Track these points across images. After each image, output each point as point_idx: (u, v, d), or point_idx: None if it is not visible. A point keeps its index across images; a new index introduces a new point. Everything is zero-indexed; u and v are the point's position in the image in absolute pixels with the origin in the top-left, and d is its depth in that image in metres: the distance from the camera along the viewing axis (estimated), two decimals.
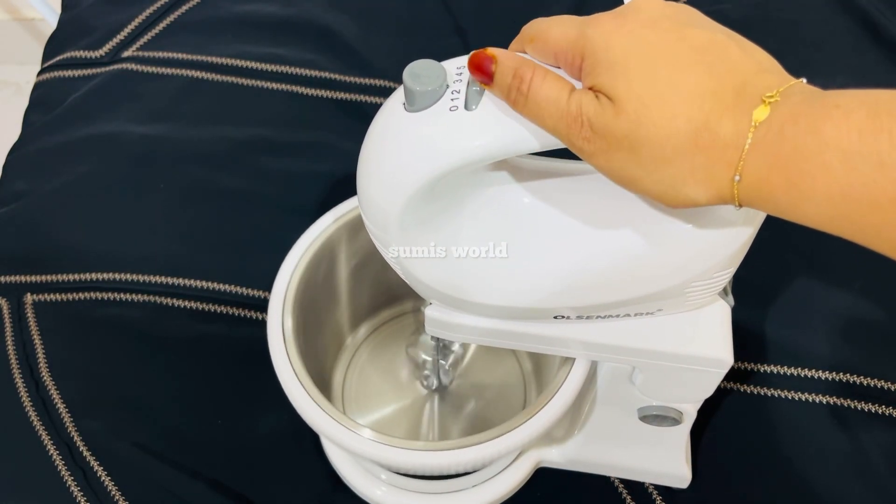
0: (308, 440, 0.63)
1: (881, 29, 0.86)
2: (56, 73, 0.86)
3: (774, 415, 0.65)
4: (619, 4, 0.38)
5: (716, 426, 0.64)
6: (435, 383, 0.64)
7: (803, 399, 0.65)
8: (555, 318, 0.46)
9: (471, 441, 0.48)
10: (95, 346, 0.68)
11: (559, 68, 0.36)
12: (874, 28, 0.87)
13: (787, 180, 0.30)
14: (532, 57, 0.37)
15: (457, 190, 0.42)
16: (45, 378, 0.66)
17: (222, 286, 0.71)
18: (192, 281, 0.71)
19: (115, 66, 0.85)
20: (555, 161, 0.44)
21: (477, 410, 0.65)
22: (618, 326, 0.46)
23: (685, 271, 0.42)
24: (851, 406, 0.65)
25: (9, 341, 0.68)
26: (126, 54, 0.86)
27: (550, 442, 0.61)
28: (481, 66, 0.36)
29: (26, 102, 0.85)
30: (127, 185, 0.77)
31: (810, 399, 0.65)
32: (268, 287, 0.64)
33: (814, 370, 0.66)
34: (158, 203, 0.76)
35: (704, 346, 0.46)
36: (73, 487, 0.60)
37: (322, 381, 0.62)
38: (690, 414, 0.53)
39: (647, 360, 0.47)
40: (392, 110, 0.39)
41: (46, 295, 0.70)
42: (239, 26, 0.89)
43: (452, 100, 0.37)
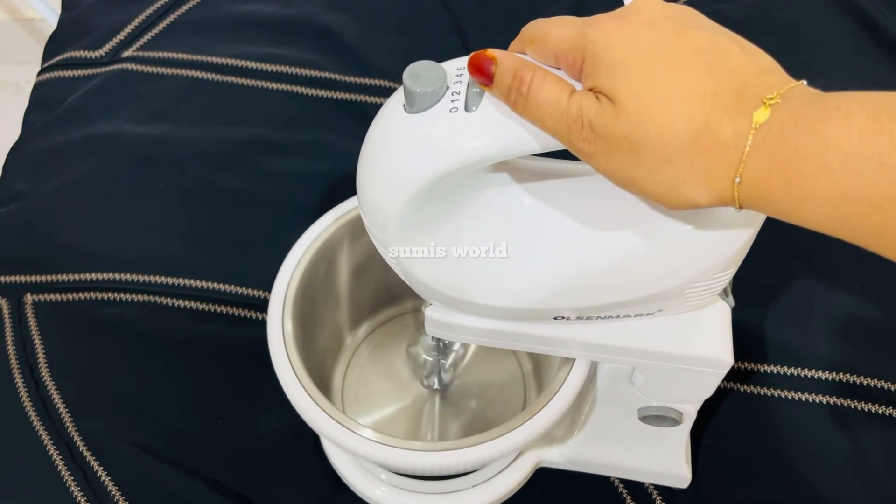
0: (308, 440, 0.63)
1: (881, 29, 0.86)
2: (56, 73, 0.86)
3: (774, 415, 0.65)
4: (619, 4, 0.38)
5: (716, 426, 0.64)
6: (435, 383, 0.64)
7: (803, 399, 0.65)
8: (555, 319, 0.46)
9: (471, 441, 0.48)
10: (95, 346, 0.68)
11: (559, 69, 0.36)
12: (874, 28, 0.87)
13: (788, 182, 0.30)
14: (532, 58, 0.37)
15: (457, 191, 0.42)
16: (45, 378, 0.66)
17: (222, 286, 0.71)
18: (192, 281, 0.71)
19: (115, 66, 0.85)
20: (555, 162, 0.44)
21: (477, 410, 0.65)
22: (618, 327, 0.46)
23: (685, 272, 0.42)
24: (851, 406, 0.65)
25: (9, 341, 0.68)
26: (126, 54, 0.86)
27: (550, 442, 0.61)
28: (481, 68, 0.36)
29: (26, 102, 0.85)
30: (127, 185, 0.77)
31: (810, 399, 0.65)
32: (268, 287, 0.65)
33: (814, 370, 0.66)
34: (158, 203, 0.76)
35: (704, 347, 0.46)
36: (73, 487, 0.60)
37: (322, 381, 0.62)
38: (690, 414, 0.53)
39: (648, 361, 0.47)
40: (392, 111, 0.39)
41: (46, 295, 0.70)
42: (239, 26, 0.89)
43: (452, 101, 0.37)
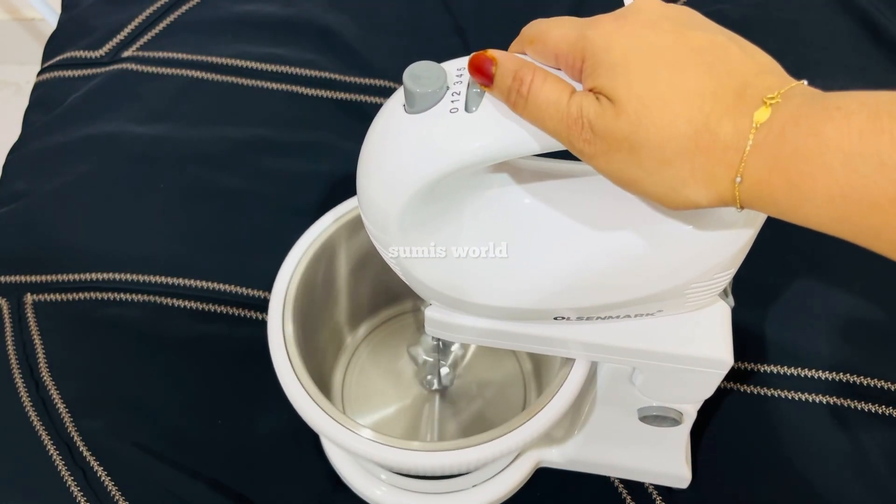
0: (308, 440, 0.63)
1: (881, 29, 0.86)
2: (56, 73, 0.86)
3: (774, 415, 0.65)
4: (619, 4, 0.38)
5: (716, 426, 0.64)
6: (435, 383, 0.64)
7: (803, 399, 0.65)
8: (555, 319, 0.46)
9: (471, 442, 0.48)
10: (95, 346, 0.68)
11: (559, 70, 0.36)
12: (874, 28, 0.87)
13: (788, 181, 0.30)
14: (532, 58, 0.37)
15: (457, 191, 0.42)
16: (45, 378, 0.66)
17: (222, 286, 0.71)
18: (192, 281, 0.71)
19: (115, 66, 0.85)
20: (555, 162, 0.44)
21: (477, 411, 0.65)
22: (618, 327, 0.46)
23: (685, 272, 0.42)
24: (851, 406, 0.65)
25: (9, 341, 0.68)
26: (126, 54, 0.86)
27: (550, 442, 0.61)
28: (481, 68, 0.36)
29: (26, 102, 0.85)
30: (127, 185, 0.77)
31: (810, 399, 0.65)
32: (268, 287, 0.64)
33: (814, 370, 0.66)
34: (158, 203, 0.76)
35: (705, 347, 0.46)
36: (73, 487, 0.60)
37: (322, 381, 0.62)
38: (690, 414, 0.53)
39: (648, 361, 0.47)
40: (392, 112, 0.39)
41: (46, 295, 0.70)
42: (239, 26, 0.89)
43: (453, 101, 0.37)
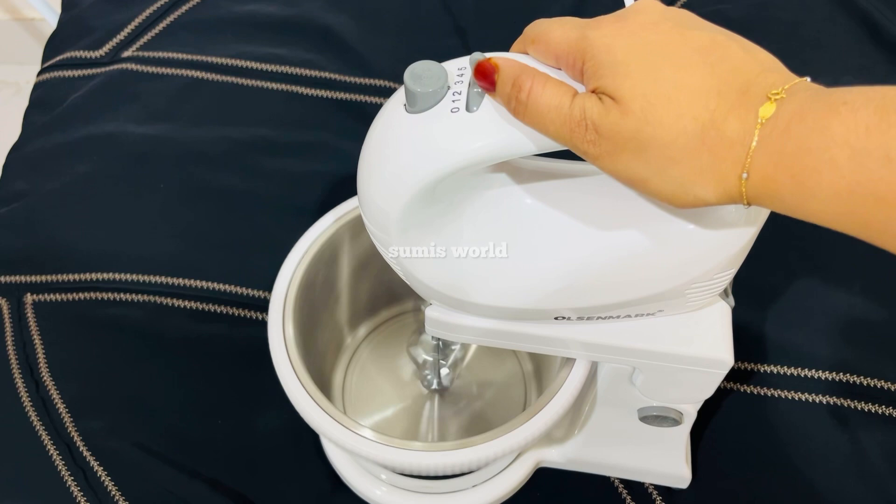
0: (308, 440, 0.63)
1: (881, 29, 0.86)
2: (56, 73, 0.86)
3: (774, 415, 0.65)
4: (619, 3, 0.38)
5: (716, 426, 0.64)
6: (435, 383, 0.64)
7: (803, 399, 0.65)
8: (555, 319, 0.46)
9: (471, 442, 0.48)
10: (95, 346, 0.68)
11: (560, 70, 0.36)
12: (874, 28, 0.87)
13: (794, 177, 0.30)
14: (533, 58, 0.37)
15: (457, 191, 0.42)
16: (45, 378, 0.66)
17: (222, 286, 0.71)
18: (192, 281, 0.71)
19: (115, 66, 0.85)
20: (556, 162, 0.44)
21: (477, 411, 0.65)
22: (618, 327, 0.46)
23: (686, 272, 0.42)
24: (851, 406, 0.65)
25: (9, 341, 0.68)
26: (126, 54, 0.86)
27: (550, 442, 0.61)
28: (485, 74, 0.36)
29: (26, 102, 0.85)
30: (127, 185, 0.77)
31: (810, 399, 0.65)
32: (268, 287, 0.65)
33: (814, 370, 0.66)
34: (158, 203, 0.76)
35: (705, 347, 0.46)
36: (73, 487, 0.60)
37: (322, 381, 0.62)
38: (690, 414, 0.53)
39: (648, 361, 0.47)
40: (393, 111, 0.39)
41: (46, 295, 0.70)
42: (239, 26, 0.89)
43: (454, 101, 0.37)
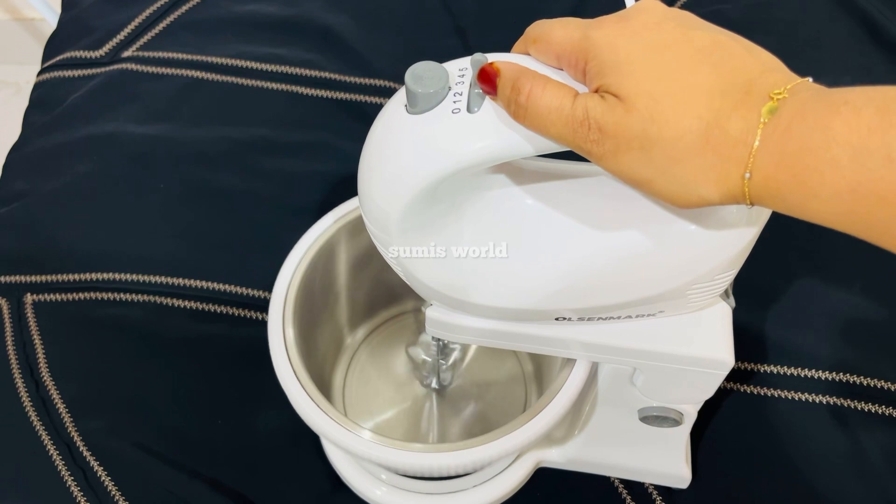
0: (308, 440, 0.63)
1: (881, 29, 0.86)
2: (56, 73, 0.86)
3: (774, 415, 0.65)
4: (620, 3, 0.38)
5: (716, 426, 0.64)
6: (435, 383, 0.64)
7: (803, 399, 0.65)
8: (556, 320, 0.46)
9: (472, 443, 0.48)
10: (95, 346, 0.68)
11: (562, 70, 0.36)
12: (874, 28, 0.87)
13: (796, 176, 0.30)
14: (535, 58, 0.37)
15: (458, 191, 0.42)
16: (45, 378, 0.66)
17: (222, 286, 0.71)
18: (192, 281, 0.71)
19: (115, 66, 0.85)
20: (557, 162, 0.44)
21: (477, 411, 0.65)
22: (619, 328, 0.46)
23: (687, 273, 0.42)
24: (851, 406, 0.65)
25: (9, 341, 0.68)
26: (126, 54, 0.86)
27: (551, 442, 0.61)
28: (487, 78, 0.36)
29: (26, 102, 0.85)
30: (127, 185, 0.77)
31: (810, 399, 0.65)
32: (268, 287, 0.64)
33: (814, 370, 0.66)
34: (158, 203, 0.76)
35: (705, 348, 0.46)
36: (73, 487, 0.60)
37: (322, 381, 0.62)
38: (691, 415, 0.53)
39: (648, 362, 0.47)
40: (394, 112, 0.39)
41: (46, 295, 0.70)
42: (239, 26, 0.89)
43: (455, 102, 0.37)
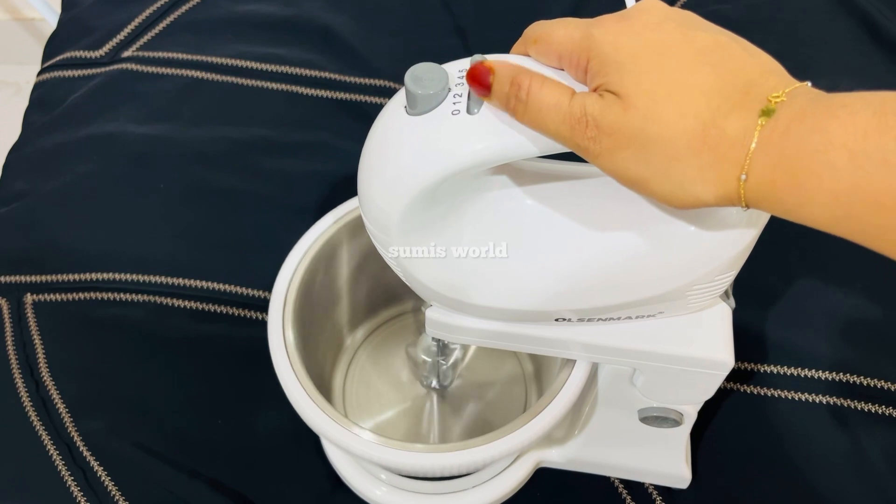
0: (308, 440, 0.63)
1: (881, 29, 0.86)
2: (56, 73, 0.86)
3: (774, 415, 0.65)
4: (620, 3, 0.38)
5: (716, 426, 0.64)
6: (435, 384, 0.64)
7: (803, 399, 0.65)
8: (556, 321, 0.46)
9: (472, 444, 0.48)
10: (95, 346, 0.68)
11: (562, 70, 0.36)
12: (874, 28, 0.87)
13: (792, 179, 0.30)
14: (535, 58, 0.37)
15: (458, 193, 0.42)
16: (45, 378, 0.66)
17: (222, 286, 0.71)
18: (192, 281, 0.71)
19: (115, 66, 0.85)
20: (557, 164, 0.44)
21: (477, 411, 0.65)
22: (619, 328, 0.46)
23: (687, 274, 0.42)
24: (851, 406, 0.65)
25: (9, 341, 0.68)
26: (126, 54, 0.86)
27: (551, 442, 0.61)
28: (479, 78, 0.36)
29: (26, 102, 0.85)
30: (127, 185, 0.77)
31: (810, 399, 0.65)
32: (268, 287, 0.64)
33: (814, 370, 0.66)
34: (158, 203, 0.76)
35: (705, 348, 0.46)
36: (73, 487, 0.60)
37: (322, 382, 0.62)
38: (691, 415, 0.53)
39: (649, 362, 0.47)
40: (394, 113, 0.39)
41: (46, 295, 0.70)
42: (239, 26, 0.89)
43: (454, 103, 0.37)
